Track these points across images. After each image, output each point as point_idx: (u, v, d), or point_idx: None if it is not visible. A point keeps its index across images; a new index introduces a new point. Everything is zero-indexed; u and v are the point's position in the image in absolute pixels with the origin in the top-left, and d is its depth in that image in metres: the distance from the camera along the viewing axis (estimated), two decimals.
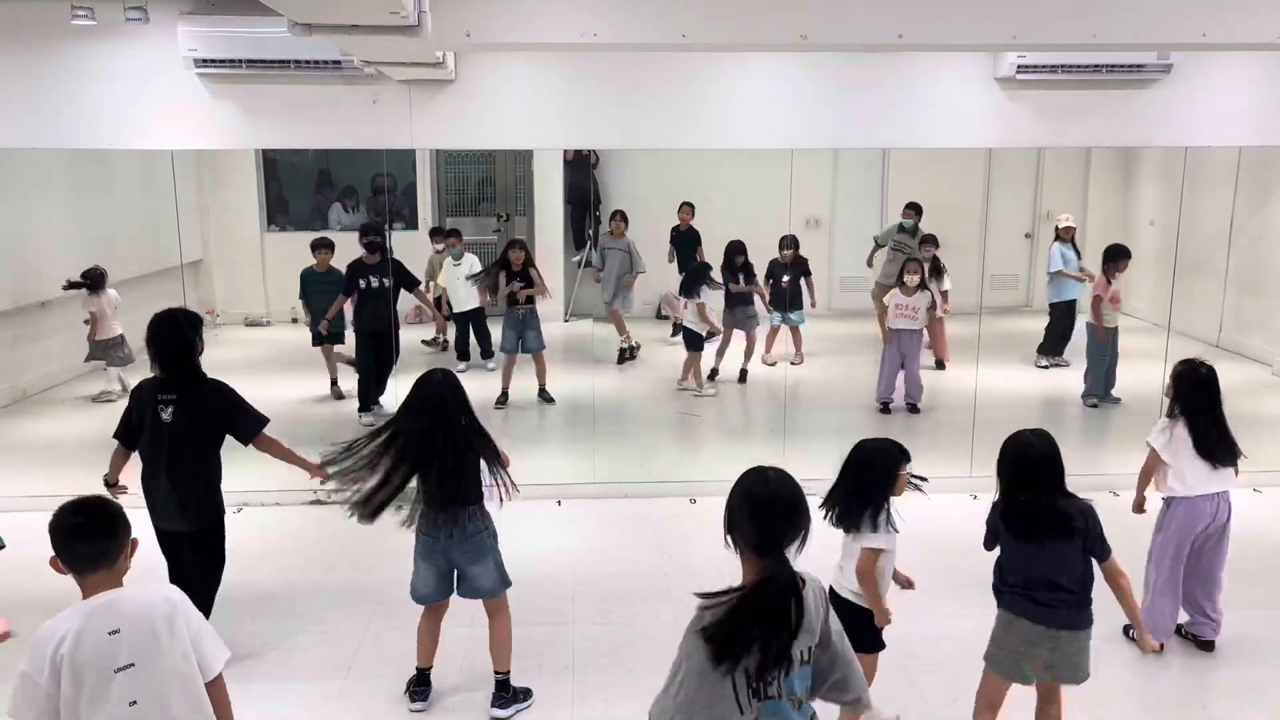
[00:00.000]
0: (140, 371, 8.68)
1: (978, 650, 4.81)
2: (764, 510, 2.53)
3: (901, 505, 4.38)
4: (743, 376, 9.24)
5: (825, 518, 3.85)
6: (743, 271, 9.02)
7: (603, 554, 5.95)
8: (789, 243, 9.09)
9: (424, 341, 9.66)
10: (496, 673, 4.36)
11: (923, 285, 8.43)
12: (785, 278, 9.16)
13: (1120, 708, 4.38)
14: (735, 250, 9.02)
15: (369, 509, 4.11)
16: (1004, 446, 3.74)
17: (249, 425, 4.56)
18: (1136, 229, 10.38)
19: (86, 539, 2.74)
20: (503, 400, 8.52)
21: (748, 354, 9.27)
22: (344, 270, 8.28)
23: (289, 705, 4.43)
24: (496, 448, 4.25)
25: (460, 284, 9.08)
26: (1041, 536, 3.61)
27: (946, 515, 6.40)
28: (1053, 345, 9.57)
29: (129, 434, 4.56)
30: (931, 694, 4.48)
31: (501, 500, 4.22)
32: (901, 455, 3.89)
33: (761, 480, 2.59)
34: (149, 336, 4.52)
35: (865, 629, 3.82)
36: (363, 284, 8.11)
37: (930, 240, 9.42)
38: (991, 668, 3.79)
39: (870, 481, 3.85)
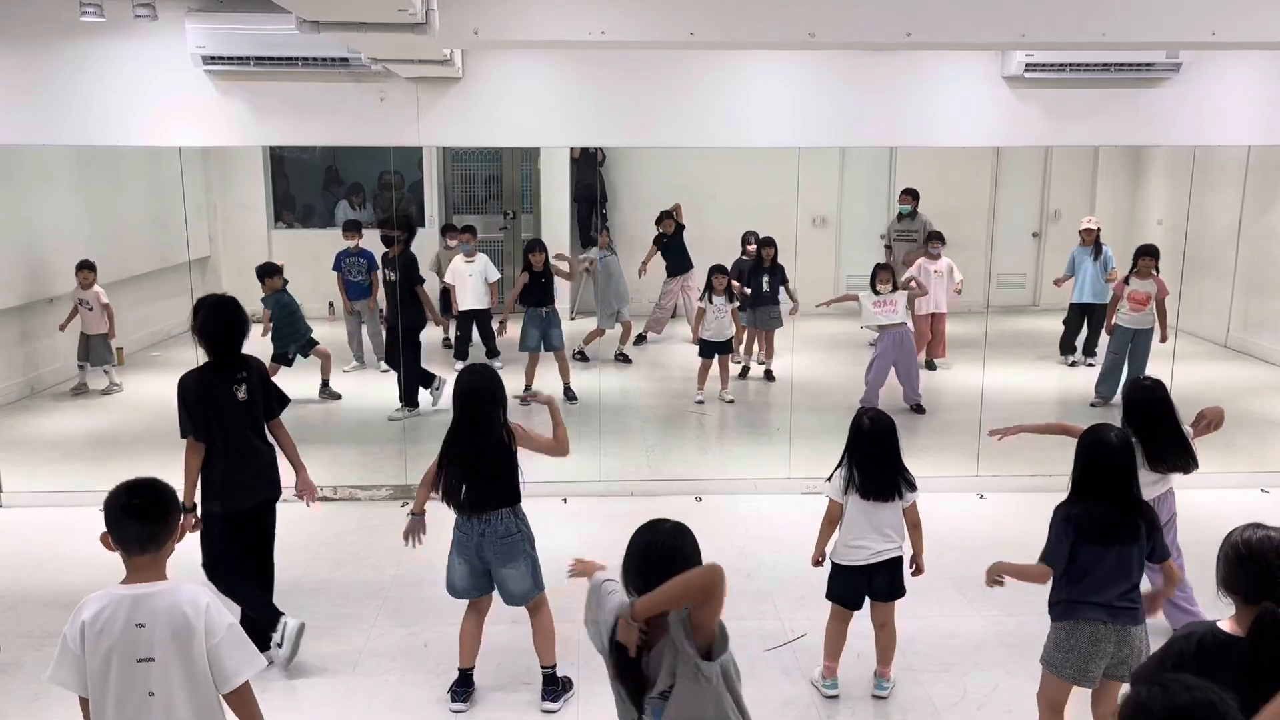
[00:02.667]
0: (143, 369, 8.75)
1: (983, 650, 4.83)
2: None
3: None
4: (769, 375, 9.20)
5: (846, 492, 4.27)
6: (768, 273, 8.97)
7: (608, 552, 5.90)
8: (767, 242, 9.04)
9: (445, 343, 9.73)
10: (544, 667, 4.39)
11: (895, 288, 8.33)
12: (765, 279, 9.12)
13: None
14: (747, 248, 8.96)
15: (445, 500, 4.27)
16: (1083, 443, 3.70)
17: (277, 404, 4.74)
18: (1144, 228, 10.35)
19: (139, 520, 2.78)
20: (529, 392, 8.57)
21: (768, 354, 9.23)
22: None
23: (295, 701, 4.44)
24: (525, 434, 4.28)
25: (469, 281, 9.09)
26: (1116, 539, 3.58)
27: (953, 514, 6.41)
28: (1070, 344, 9.58)
29: (200, 427, 4.46)
30: (937, 694, 4.47)
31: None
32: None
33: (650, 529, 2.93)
34: (203, 321, 4.50)
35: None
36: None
37: (937, 237, 9.40)
38: (1055, 674, 3.70)
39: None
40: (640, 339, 10.00)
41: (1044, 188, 11.00)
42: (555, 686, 4.37)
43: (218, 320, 4.51)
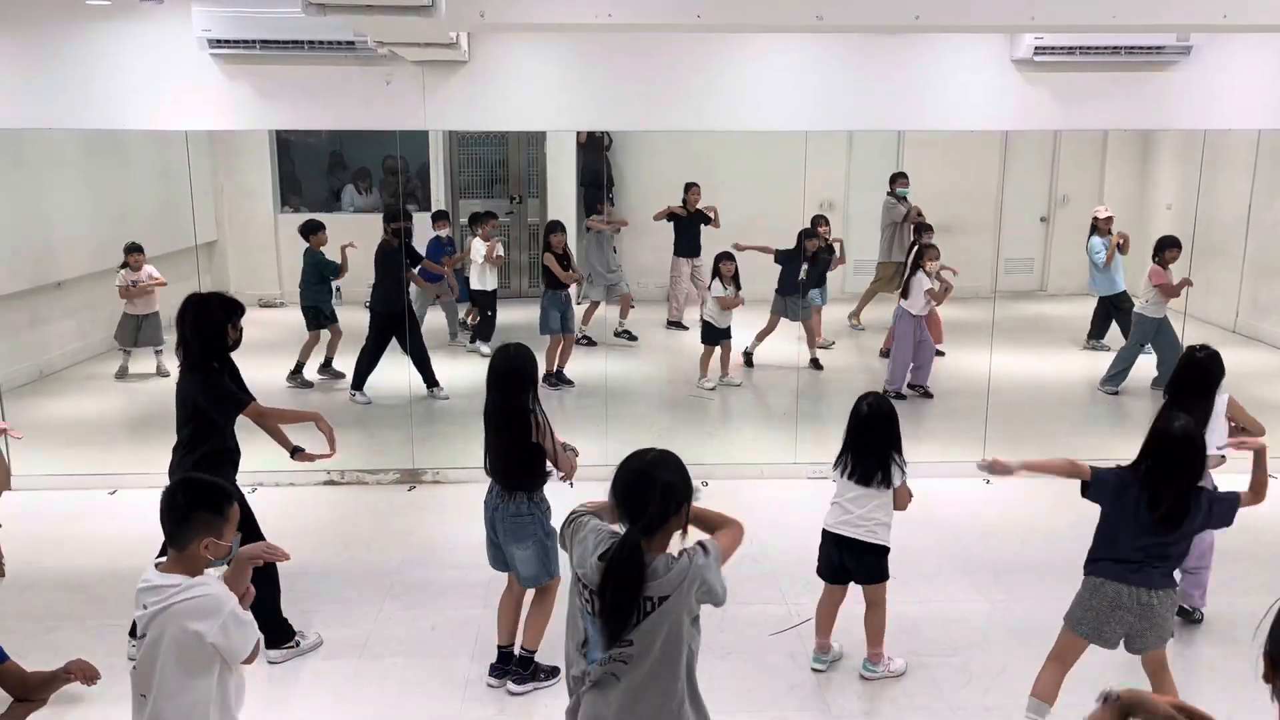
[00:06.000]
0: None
1: (989, 634, 4.84)
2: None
3: (915, 489, 4.40)
4: (816, 364, 9.13)
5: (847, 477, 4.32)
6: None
7: None
8: (809, 233, 9.03)
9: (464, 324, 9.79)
10: (524, 648, 4.40)
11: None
12: (800, 276, 9.09)
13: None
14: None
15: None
16: (1156, 427, 3.78)
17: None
18: (1154, 213, 10.30)
19: (162, 515, 2.89)
20: (559, 380, 8.66)
21: (810, 342, 9.14)
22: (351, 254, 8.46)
23: (302, 685, 4.46)
24: (554, 442, 4.21)
25: (479, 263, 9.16)
26: (1172, 523, 3.66)
27: (960, 501, 6.41)
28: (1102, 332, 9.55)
29: (244, 391, 4.47)
30: (944, 678, 4.48)
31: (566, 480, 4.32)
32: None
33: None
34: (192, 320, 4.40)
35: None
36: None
37: (928, 229, 9.33)
38: (1073, 629, 3.84)
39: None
40: (678, 325, 10.01)
41: (1053, 172, 10.94)
42: (525, 670, 4.38)
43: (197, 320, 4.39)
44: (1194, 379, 4.50)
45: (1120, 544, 3.73)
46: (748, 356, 9.17)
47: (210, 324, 4.36)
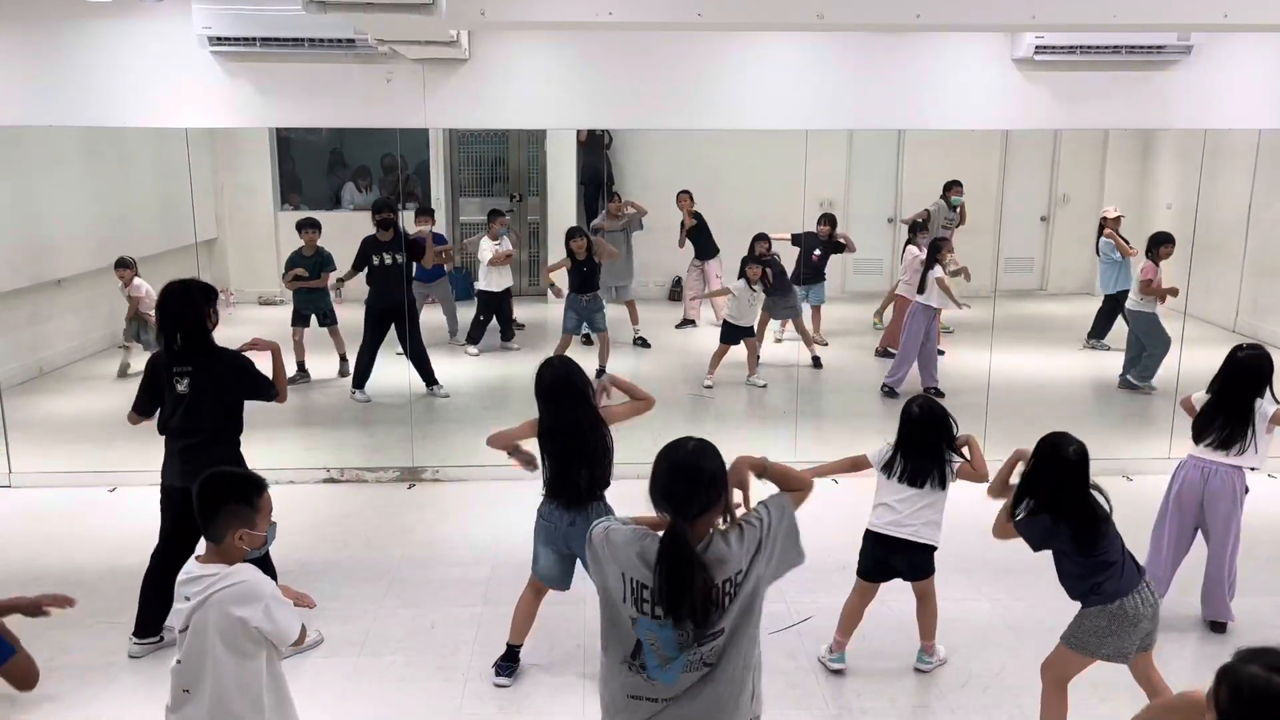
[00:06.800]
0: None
1: (989, 633, 4.84)
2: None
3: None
4: (816, 362, 9.15)
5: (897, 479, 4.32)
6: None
7: None
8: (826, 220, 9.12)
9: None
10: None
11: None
12: (816, 252, 9.12)
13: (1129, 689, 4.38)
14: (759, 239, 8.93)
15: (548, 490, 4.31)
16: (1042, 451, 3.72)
17: (267, 388, 4.61)
18: (1154, 212, 10.29)
19: (196, 510, 2.94)
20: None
21: (807, 342, 9.15)
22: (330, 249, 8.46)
23: (302, 683, 4.45)
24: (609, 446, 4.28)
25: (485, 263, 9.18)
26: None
27: (959, 498, 6.40)
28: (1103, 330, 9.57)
29: (149, 406, 4.56)
30: (943, 677, 4.49)
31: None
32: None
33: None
34: (158, 305, 4.55)
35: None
36: (375, 260, 8.13)
37: (922, 227, 9.33)
38: (1088, 655, 3.69)
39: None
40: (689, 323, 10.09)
41: (1053, 172, 10.95)
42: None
43: (165, 304, 4.53)
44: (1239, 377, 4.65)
45: (1118, 557, 3.67)
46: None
47: (200, 312, 4.46)
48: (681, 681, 2.66)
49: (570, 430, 4.18)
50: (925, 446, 4.29)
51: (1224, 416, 4.67)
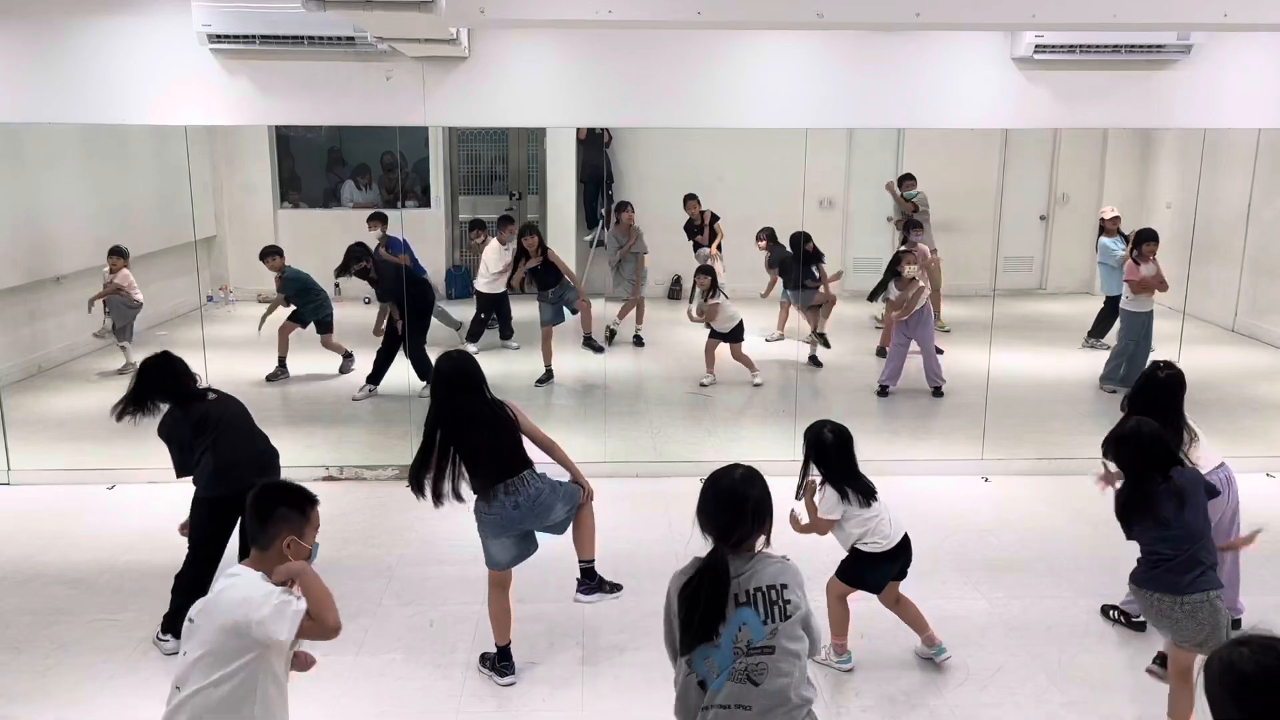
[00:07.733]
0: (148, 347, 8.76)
1: (987, 632, 4.84)
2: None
3: (913, 487, 4.40)
4: (815, 361, 9.16)
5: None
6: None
7: (613, 532, 5.95)
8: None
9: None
10: (581, 560, 4.51)
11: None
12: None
13: (1127, 691, 4.39)
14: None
15: (416, 486, 4.36)
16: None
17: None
18: (1153, 212, 10.30)
19: (248, 517, 3.00)
20: (547, 376, 8.60)
21: (812, 329, 9.19)
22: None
23: (300, 680, 4.45)
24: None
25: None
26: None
27: (958, 497, 6.42)
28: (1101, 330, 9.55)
29: (187, 463, 4.65)
30: (941, 676, 4.48)
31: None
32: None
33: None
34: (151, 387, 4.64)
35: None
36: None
37: (916, 226, 9.32)
38: (1203, 649, 3.70)
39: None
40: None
41: (1052, 170, 10.95)
42: (591, 580, 4.51)
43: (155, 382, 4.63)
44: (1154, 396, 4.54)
45: (1203, 546, 3.76)
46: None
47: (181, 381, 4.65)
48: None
49: (468, 412, 4.28)
50: (852, 463, 4.35)
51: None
